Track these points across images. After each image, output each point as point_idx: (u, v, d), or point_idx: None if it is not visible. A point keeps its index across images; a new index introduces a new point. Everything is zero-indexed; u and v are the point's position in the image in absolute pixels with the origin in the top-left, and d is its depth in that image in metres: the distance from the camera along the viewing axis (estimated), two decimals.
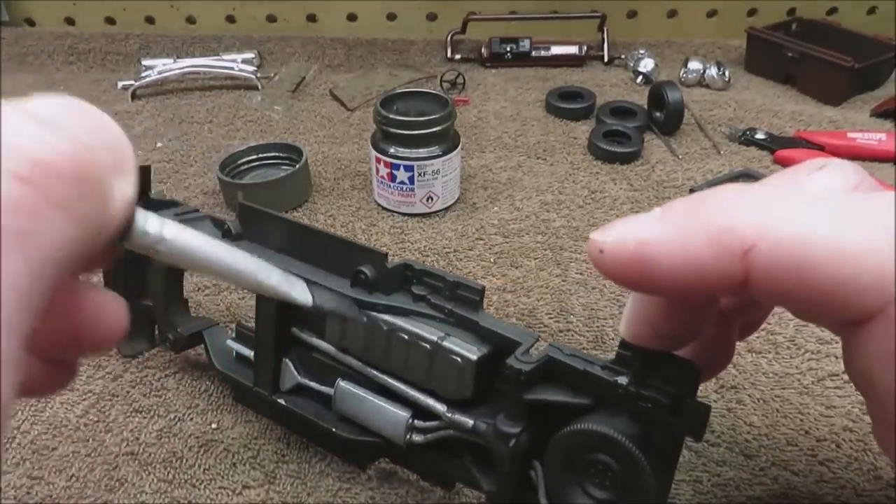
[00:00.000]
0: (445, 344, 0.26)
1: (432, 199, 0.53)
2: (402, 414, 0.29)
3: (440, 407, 0.27)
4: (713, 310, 0.23)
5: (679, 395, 0.22)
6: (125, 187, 0.16)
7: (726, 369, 0.38)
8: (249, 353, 0.34)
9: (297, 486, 0.33)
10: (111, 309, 0.18)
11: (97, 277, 0.39)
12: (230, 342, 0.36)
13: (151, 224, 0.17)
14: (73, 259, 0.14)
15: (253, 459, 0.34)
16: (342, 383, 0.31)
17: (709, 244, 0.18)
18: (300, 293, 0.26)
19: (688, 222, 0.19)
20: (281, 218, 0.32)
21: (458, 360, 0.26)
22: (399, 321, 0.28)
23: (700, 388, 0.37)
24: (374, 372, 0.29)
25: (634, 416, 0.23)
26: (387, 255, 0.28)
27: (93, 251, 0.15)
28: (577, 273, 0.47)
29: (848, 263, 0.16)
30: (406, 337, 0.27)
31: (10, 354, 0.13)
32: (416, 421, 0.29)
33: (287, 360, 0.33)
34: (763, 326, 0.40)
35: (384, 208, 0.55)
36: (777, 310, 0.41)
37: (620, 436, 0.22)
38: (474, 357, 0.26)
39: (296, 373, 0.32)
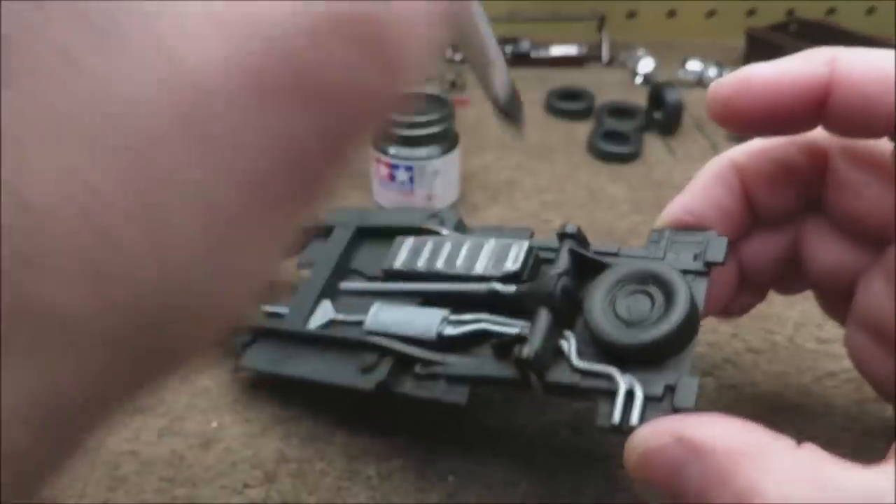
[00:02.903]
0: (502, 239, 0.33)
1: (432, 199, 0.53)
2: (440, 311, 0.31)
3: (484, 286, 0.31)
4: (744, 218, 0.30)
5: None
6: None
7: (725, 369, 0.38)
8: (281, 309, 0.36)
9: (297, 485, 0.33)
10: None
11: None
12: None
13: None
14: None
15: (253, 458, 0.34)
16: (377, 303, 0.33)
17: (801, 57, 0.26)
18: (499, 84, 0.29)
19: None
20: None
21: (513, 243, 0.32)
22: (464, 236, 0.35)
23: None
24: (422, 285, 0.33)
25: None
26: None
27: None
28: None
29: None
30: (471, 240, 0.34)
31: None
32: (452, 316, 0.31)
33: (325, 300, 0.35)
34: (762, 326, 0.40)
35: (384, 208, 0.55)
36: (776, 308, 0.41)
37: (670, 269, 0.27)
38: (527, 242, 0.32)
39: (332, 309, 0.35)
